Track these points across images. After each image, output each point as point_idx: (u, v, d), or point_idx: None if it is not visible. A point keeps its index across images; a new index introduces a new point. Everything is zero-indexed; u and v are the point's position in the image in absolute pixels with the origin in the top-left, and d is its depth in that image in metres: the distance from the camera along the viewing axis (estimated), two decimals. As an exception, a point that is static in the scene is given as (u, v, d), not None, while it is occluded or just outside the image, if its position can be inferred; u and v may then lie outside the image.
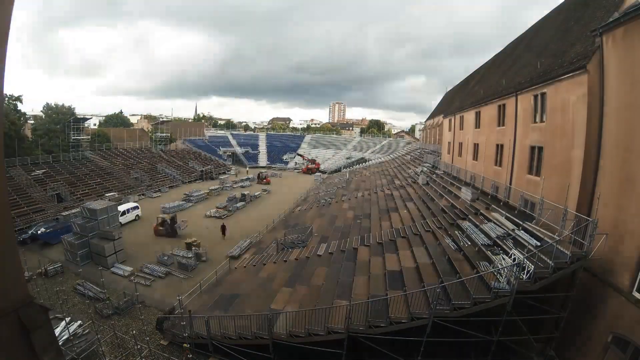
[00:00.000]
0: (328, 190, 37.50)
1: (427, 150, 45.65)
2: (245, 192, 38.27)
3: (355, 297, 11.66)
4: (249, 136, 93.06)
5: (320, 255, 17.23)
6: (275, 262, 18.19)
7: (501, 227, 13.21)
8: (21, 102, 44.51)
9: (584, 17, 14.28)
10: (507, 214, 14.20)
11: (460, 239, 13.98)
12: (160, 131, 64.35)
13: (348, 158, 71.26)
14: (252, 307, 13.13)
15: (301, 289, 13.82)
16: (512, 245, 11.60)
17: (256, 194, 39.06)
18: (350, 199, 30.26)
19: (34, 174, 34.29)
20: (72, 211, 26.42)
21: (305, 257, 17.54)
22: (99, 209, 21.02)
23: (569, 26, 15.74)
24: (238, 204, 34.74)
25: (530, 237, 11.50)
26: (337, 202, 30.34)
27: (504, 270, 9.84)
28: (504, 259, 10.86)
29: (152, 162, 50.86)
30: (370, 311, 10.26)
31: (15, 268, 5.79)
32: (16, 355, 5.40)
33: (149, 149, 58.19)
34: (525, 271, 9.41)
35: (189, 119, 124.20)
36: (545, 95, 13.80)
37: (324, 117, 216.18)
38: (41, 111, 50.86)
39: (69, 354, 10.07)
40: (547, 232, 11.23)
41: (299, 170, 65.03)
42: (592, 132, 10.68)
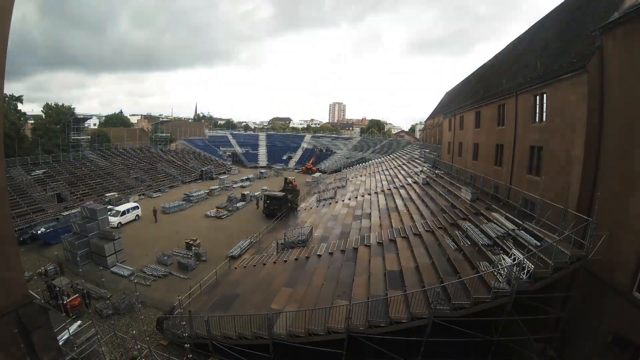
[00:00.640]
0: (328, 190, 37.49)
1: (427, 150, 45.66)
2: (246, 192, 38.29)
3: (355, 297, 11.67)
4: (249, 136, 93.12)
5: (320, 255, 17.23)
6: (275, 262, 18.20)
7: (501, 227, 13.21)
8: (21, 102, 44.60)
9: (584, 17, 14.27)
10: (507, 214, 14.21)
11: (460, 239, 13.99)
12: (160, 131, 64.37)
13: (348, 158, 71.34)
14: (252, 307, 13.13)
15: (301, 289, 13.82)
16: (512, 245, 11.61)
17: (256, 194, 39.05)
18: (350, 199, 30.26)
19: (34, 174, 34.27)
20: (72, 211, 26.46)
21: (305, 257, 17.54)
22: (99, 209, 21.04)
23: (569, 26, 15.74)
24: (238, 204, 34.76)
25: (530, 237, 11.50)
26: (337, 202, 30.35)
27: (504, 270, 9.85)
28: (504, 259, 10.86)
29: (152, 162, 50.82)
30: (370, 311, 10.27)
31: (15, 268, 5.81)
32: (16, 355, 5.41)
33: (149, 149, 58.16)
34: (525, 271, 9.41)
35: (189, 119, 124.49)
36: (545, 95, 13.80)
37: (324, 117, 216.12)
38: (41, 111, 50.85)
39: (69, 354, 10.07)
40: (547, 232, 11.24)
41: (299, 170, 65.76)
42: (592, 132, 10.68)
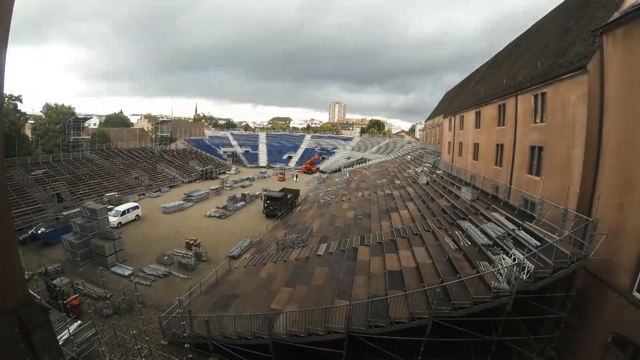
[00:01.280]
0: (328, 190, 37.50)
1: (427, 150, 45.66)
2: (246, 192, 38.31)
3: (355, 297, 11.66)
4: (249, 136, 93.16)
5: (320, 255, 17.23)
6: (275, 262, 18.20)
7: (501, 227, 13.21)
8: (21, 102, 44.50)
9: (584, 17, 14.26)
10: (507, 214, 14.20)
11: (460, 238, 13.98)
12: (160, 131, 64.36)
13: (348, 158, 71.37)
14: (252, 307, 13.13)
15: (301, 289, 13.82)
16: (512, 245, 11.60)
17: (256, 194, 39.10)
18: (350, 199, 30.26)
19: (34, 174, 34.28)
20: (72, 211, 26.48)
21: (305, 257, 17.54)
22: (99, 209, 21.04)
23: (569, 26, 15.72)
24: (238, 204, 34.77)
25: (530, 237, 11.50)
26: (337, 202, 30.35)
27: (504, 270, 9.84)
28: (504, 259, 10.85)
29: (152, 162, 50.83)
30: (370, 311, 10.26)
31: (15, 268, 5.80)
32: (16, 355, 5.41)
33: (149, 149, 58.15)
34: (525, 271, 9.40)
35: (189, 119, 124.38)
36: (545, 95, 13.79)
37: (324, 117, 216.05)
38: (41, 111, 50.83)
39: (69, 353, 10.07)
40: (547, 232, 11.22)
41: (298, 170, 66.00)
42: (592, 132, 10.67)
